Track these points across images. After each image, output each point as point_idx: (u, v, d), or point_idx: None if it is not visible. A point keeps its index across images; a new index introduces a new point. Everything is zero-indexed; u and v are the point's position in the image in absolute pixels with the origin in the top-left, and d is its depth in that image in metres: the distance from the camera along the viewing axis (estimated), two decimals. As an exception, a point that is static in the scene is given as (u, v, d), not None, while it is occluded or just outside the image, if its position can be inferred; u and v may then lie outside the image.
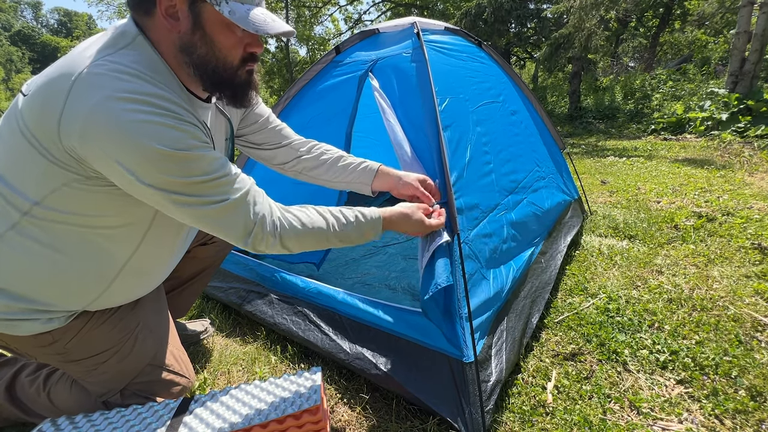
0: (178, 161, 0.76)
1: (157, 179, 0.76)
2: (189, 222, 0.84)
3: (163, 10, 0.77)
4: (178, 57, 0.82)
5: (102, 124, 0.71)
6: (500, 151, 1.71)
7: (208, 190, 0.81)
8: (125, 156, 0.73)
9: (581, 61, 9.45)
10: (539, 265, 1.68)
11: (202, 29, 0.80)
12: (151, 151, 0.73)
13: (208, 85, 0.86)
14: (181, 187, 0.78)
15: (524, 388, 1.27)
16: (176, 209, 0.81)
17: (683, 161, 4.65)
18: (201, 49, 0.81)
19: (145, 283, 1.05)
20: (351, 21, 20.17)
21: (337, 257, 2.34)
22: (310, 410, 0.94)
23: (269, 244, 0.90)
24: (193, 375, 1.18)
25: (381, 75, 1.53)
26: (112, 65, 0.74)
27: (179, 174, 0.77)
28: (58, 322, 0.91)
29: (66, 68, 0.74)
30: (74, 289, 0.90)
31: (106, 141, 0.72)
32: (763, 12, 5.93)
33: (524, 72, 16.44)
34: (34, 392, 1.10)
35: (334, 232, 0.98)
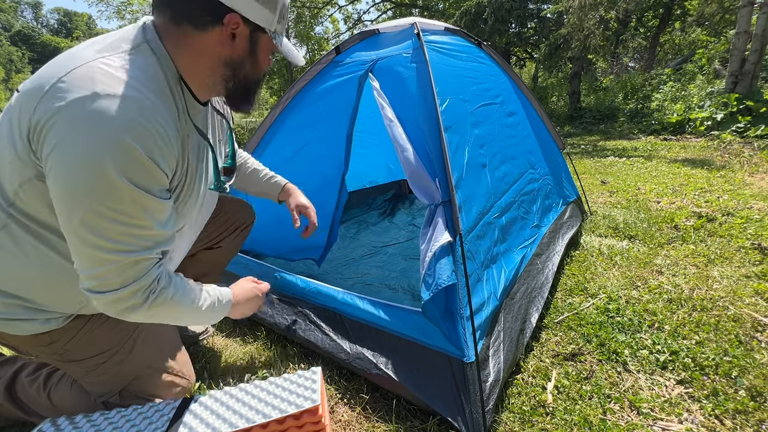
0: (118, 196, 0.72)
1: (81, 201, 0.70)
2: (71, 246, 0.76)
3: (228, 31, 0.82)
4: (218, 70, 0.87)
5: (73, 118, 0.68)
6: (495, 153, 1.71)
7: (123, 238, 0.75)
8: (71, 160, 0.69)
9: (581, 61, 9.46)
10: (535, 266, 1.68)
11: (255, 54, 0.89)
12: (103, 171, 0.69)
13: (237, 95, 0.92)
14: (99, 221, 0.72)
15: (524, 388, 1.27)
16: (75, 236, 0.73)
17: (683, 161, 4.65)
18: (248, 68, 0.89)
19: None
20: (351, 21, 20.18)
21: (337, 257, 2.34)
22: (310, 410, 0.94)
23: (114, 311, 0.82)
24: (193, 376, 1.19)
25: (381, 75, 1.53)
26: (110, 64, 0.73)
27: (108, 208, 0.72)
28: (56, 323, 0.90)
29: (60, 64, 0.73)
30: (64, 293, 0.89)
31: (67, 137, 0.68)
32: (763, 12, 5.93)
33: (524, 72, 16.44)
34: (34, 392, 1.10)
35: (195, 316, 0.95)
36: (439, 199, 1.26)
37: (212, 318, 0.99)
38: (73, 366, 1.01)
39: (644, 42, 13.85)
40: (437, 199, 1.26)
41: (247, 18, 0.82)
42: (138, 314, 0.82)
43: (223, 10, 0.79)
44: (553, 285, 1.90)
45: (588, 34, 7.92)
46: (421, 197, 1.30)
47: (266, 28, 0.87)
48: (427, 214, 1.27)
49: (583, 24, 7.88)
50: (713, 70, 8.68)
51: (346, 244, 2.56)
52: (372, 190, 3.33)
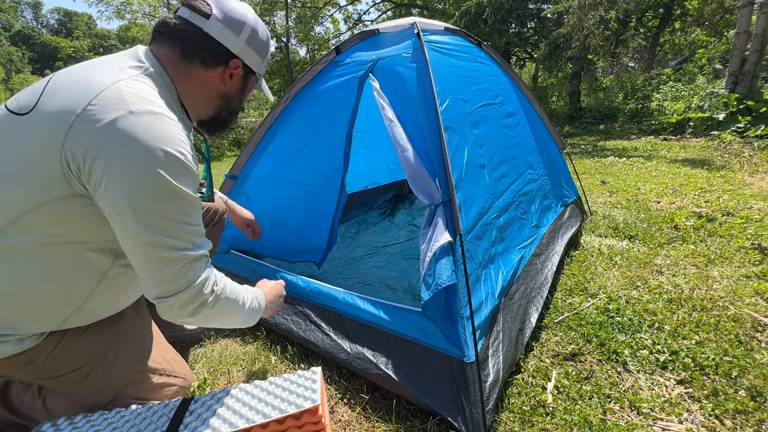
0: (176, 197, 0.81)
1: (145, 207, 0.78)
2: (137, 257, 0.82)
3: (230, 70, 0.99)
4: (213, 100, 1.02)
5: (117, 137, 0.74)
6: (494, 153, 1.71)
7: (183, 235, 0.83)
8: (128, 173, 0.76)
9: (581, 61, 9.46)
10: (533, 266, 1.68)
11: (244, 91, 1.07)
12: (159, 177, 0.77)
13: (222, 122, 1.08)
14: (163, 222, 0.80)
15: (524, 388, 1.27)
16: (140, 243, 0.79)
17: (683, 161, 4.65)
18: (236, 102, 1.07)
19: (119, 301, 1.02)
20: (351, 21, 20.18)
21: (337, 257, 2.35)
22: (310, 410, 0.94)
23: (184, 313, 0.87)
24: (189, 373, 1.18)
25: (381, 76, 1.53)
26: (148, 89, 0.83)
27: (169, 209, 0.80)
28: (30, 341, 0.88)
29: (80, 89, 0.78)
30: (43, 311, 0.87)
31: (116, 152, 0.75)
32: (763, 12, 5.93)
33: (524, 72, 16.45)
34: (29, 399, 1.08)
35: (242, 314, 1.01)
36: (439, 199, 1.26)
37: (252, 318, 1.05)
38: (57, 382, 0.98)
39: (644, 42, 13.85)
40: (437, 199, 1.26)
41: (245, 62, 1.01)
42: (204, 312, 0.88)
43: (230, 55, 0.97)
44: (553, 285, 1.90)
45: (588, 34, 7.92)
46: (421, 197, 1.30)
47: (256, 71, 1.06)
48: (427, 214, 1.28)
49: (583, 24, 7.88)
50: (713, 70, 8.68)
51: (346, 244, 2.56)
52: (373, 191, 3.33)
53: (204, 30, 0.92)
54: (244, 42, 0.97)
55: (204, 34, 0.92)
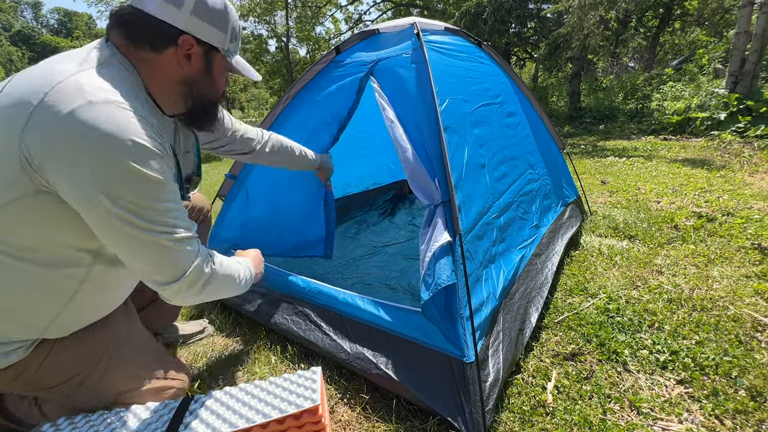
0: (146, 182, 0.77)
1: (120, 197, 0.75)
2: (124, 251, 0.81)
3: (182, 51, 0.88)
4: (176, 87, 0.92)
5: (77, 128, 0.70)
6: (494, 153, 1.71)
7: (163, 220, 0.81)
8: (91, 165, 0.72)
9: (581, 61, 9.45)
10: (534, 266, 1.68)
11: (210, 72, 0.94)
12: (128, 167, 0.74)
13: (195, 113, 0.98)
14: (143, 211, 0.77)
15: (524, 388, 1.27)
16: (119, 232, 0.77)
17: (683, 161, 4.65)
18: (203, 86, 0.95)
19: (105, 302, 1.00)
20: (351, 21, 20.18)
21: (337, 257, 2.34)
22: (310, 410, 0.94)
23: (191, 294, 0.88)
24: (186, 375, 1.17)
25: (381, 76, 1.53)
26: (104, 79, 0.77)
27: (145, 197, 0.77)
28: (17, 355, 0.86)
29: (36, 81, 0.74)
30: (24, 317, 0.85)
31: (77, 145, 0.71)
32: (763, 12, 5.93)
33: (524, 72, 16.44)
34: (26, 406, 1.07)
35: (239, 285, 1.03)
36: (439, 199, 1.26)
37: (247, 287, 1.07)
38: (50, 393, 0.96)
39: (644, 42, 13.85)
40: (437, 199, 1.26)
41: (200, 39, 0.89)
42: (208, 289, 0.91)
43: (177, 32, 0.86)
44: (553, 285, 1.90)
45: (588, 33, 7.92)
46: (420, 197, 1.30)
47: (219, 48, 0.93)
48: (427, 214, 1.27)
49: (583, 24, 7.87)
50: (713, 70, 8.68)
51: (346, 244, 2.56)
52: (373, 191, 3.33)
53: (144, 10, 0.83)
54: (189, 14, 0.86)
55: (144, 15, 0.83)
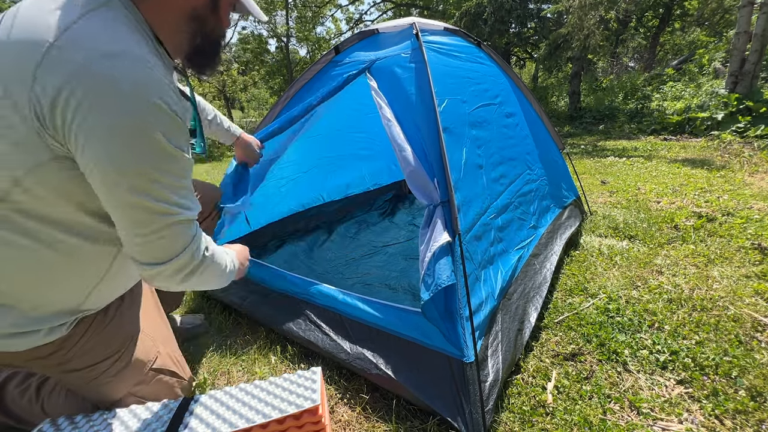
0: (169, 159, 0.72)
1: (134, 169, 0.69)
2: (124, 224, 0.75)
3: None
4: (183, 24, 0.82)
5: (92, 80, 0.63)
6: (492, 154, 1.71)
7: (174, 197, 0.76)
8: (113, 129, 0.65)
9: (581, 61, 9.45)
10: (532, 267, 1.68)
11: (217, 6, 0.85)
12: (150, 138, 0.68)
13: (203, 52, 0.88)
14: (153, 186, 0.72)
15: (524, 388, 1.27)
16: (126, 206, 0.72)
17: (683, 161, 4.65)
18: (212, 22, 0.86)
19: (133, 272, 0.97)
20: (352, 21, 20.17)
21: (337, 257, 2.35)
22: (310, 410, 0.94)
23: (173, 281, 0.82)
24: (190, 375, 1.18)
25: (380, 76, 1.53)
26: (118, 24, 0.69)
27: (162, 173, 0.72)
28: (60, 332, 0.85)
29: (38, 25, 0.65)
30: (60, 291, 0.84)
31: (94, 102, 0.63)
32: (763, 12, 5.92)
33: (524, 72, 16.44)
34: (26, 403, 1.06)
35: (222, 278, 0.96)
36: (438, 199, 1.26)
37: (229, 280, 0.98)
38: (73, 375, 0.95)
39: (644, 42, 13.85)
40: (436, 199, 1.26)
41: None
42: (192, 279, 0.83)
43: None
44: (553, 285, 1.90)
45: (588, 34, 7.92)
46: (419, 197, 1.30)
47: None
48: (426, 215, 1.27)
49: (583, 24, 7.87)
50: (713, 70, 8.68)
51: (346, 244, 2.56)
52: (374, 192, 3.34)
53: None
54: None
55: None
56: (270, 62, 19.94)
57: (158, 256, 0.77)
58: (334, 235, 2.69)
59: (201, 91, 18.38)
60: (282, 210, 2.62)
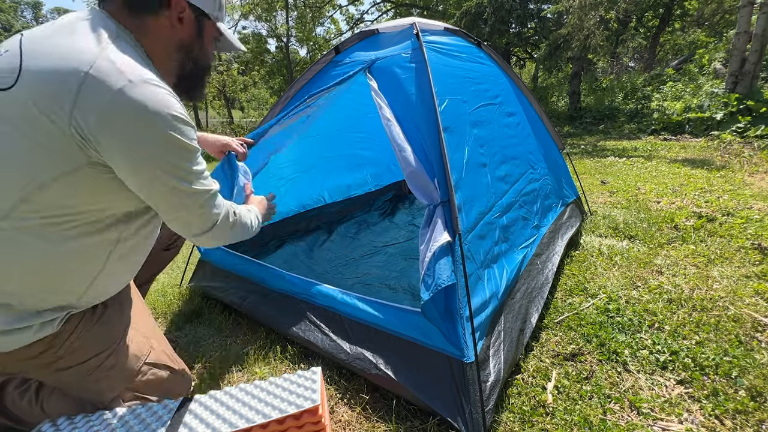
0: (186, 150, 0.87)
1: (168, 164, 0.85)
2: (167, 210, 0.92)
3: (176, 14, 0.93)
4: (173, 54, 0.97)
5: (128, 103, 0.77)
6: (495, 153, 1.71)
7: (198, 180, 0.92)
8: (142, 139, 0.81)
9: (581, 61, 9.45)
10: (535, 266, 1.68)
11: (201, 37, 1.00)
12: (173, 139, 0.84)
13: (190, 79, 1.02)
14: (184, 173, 0.89)
15: (524, 389, 1.27)
16: (165, 194, 0.88)
17: (683, 161, 4.65)
18: (197, 51, 1.01)
19: (128, 269, 1.06)
20: (352, 21, 20.17)
21: (337, 257, 2.35)
22: (310, 410, 0.94)
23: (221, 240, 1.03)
24: (185, 367, 1.19)
25: (380, 75, 1.53)
26: (127, 55, 0.81)
27: (187, 162, 0.88)
28: (51, 327, 0.89)
29: (67, 59, 0.77)
30: (63, 285, 0.90)
31: (131, 122, 0.78)
32: (763, 12, 5.93)
33: (524, 72, 16.44)
34: (26, 404, 1.07)
35: (252, 230, 1.17)
36: (438, 199, 1.26)
37: (257, 229, 1.19)
38: (66, 374, 0.97)
39: (644, 42, 13.85)
40: (436, 199, 1.26)
41: (190, 2, 0.94)
42: (231, 235, 1.05)
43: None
44: (553, 285, 1.90)
45: (588, 34, 7.92)
46: (419, 197, 1.30)
47: (209, 13, 0.99)
48: (426, 215, 1.27)
49: (583, 24, 7.88)
50: (713, 70, 8.68)
51: (346, 244, 2.57)
52: (374, 192, 3.34)
53: None
54: None
55: None
56: (270, 62, 19.94)
57: (205, 226, 0.97)
58: (334, 235, 2.69)
59: (201, 91, 18.33)
60: (282, 210, 2.63)
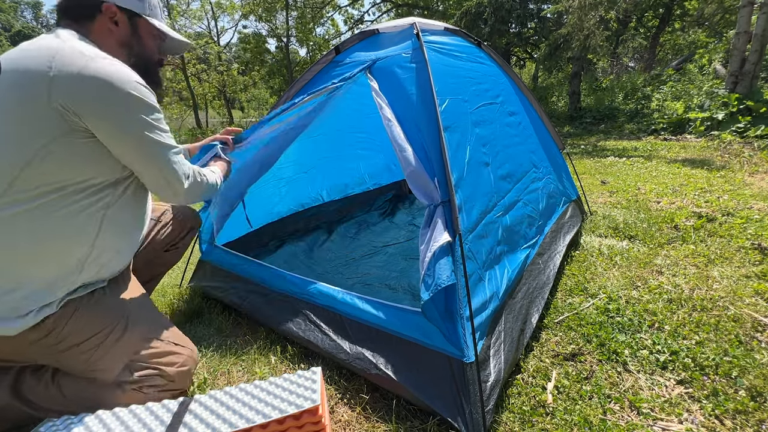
0: (152, 108, 1.04)
1: (131, 117, 1.00)
2: (142, 164, 1.06)
3: (108, 18, 1.10)
4: (118, 50, 1.12)
5: (92, 77, 0.93)
6: (497, 152, 1.71)
7: (163, 134, 1.07)
8: (112, 101, 0.95)
9: (581, 61, 9.45)
10: (536, 266, 1.68)
11: (137, 34, 1.17)
12: (139, 99, 1.00)
13: (139, 71, 1.11)
14: (150, 126, 1.03)
15: (524, 389, 1.27)
16: (138, 148, 1.03)
17: (683, 161, 4.65)
18: (136, 47, 1.17)
19: (121, 246, 1.17)
20: (351, 21, 20.17)
21: (337, 257, 2.35)
22: (310, 410, 0.94)
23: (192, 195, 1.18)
24: (194, 348, 1.26)
25: (380, 76, 1.53)
26: (82, 43, 0.99)
27: (151, 116, 1.04)
28: (50, 309, 1.00)
29: (37, 55, 0.93)
30: (61, 255, 1.01)
31: (97, 90, 0.93)
32: (763, 12, 5.93)
33: (524, 72, 16.44)
34: (42, 388, 1.12)
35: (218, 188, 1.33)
36: (438, 199, 1.26)
37: (221, 183, 1.35)
38: (71, 353, 1.06)
39: (644, 42, 13.85)
40: (436, 199, 1.26)
41: (120, 6, 1.11)
42: (201, 189, 1.21)
43: (100, 2, 1.09)
44: (554, 285, 1.91)
45: (588, 34, 7.92)
46: (420, 197, 1.30)
47: (140, 13, 1.15)
48: (427, 215, 1.27)
49: (583, 24, 7.88)
50: (713, 70, 8.68)
51: (346, 244, 2.56)
52: (374, 192, 3.34)
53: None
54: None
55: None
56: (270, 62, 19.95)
57: (179, 180, 1.11)
58: (334, 235, 2.69)
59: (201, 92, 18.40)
60: (282, 210, 2.63)
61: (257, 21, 17.94)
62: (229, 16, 19.47)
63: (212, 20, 18.91)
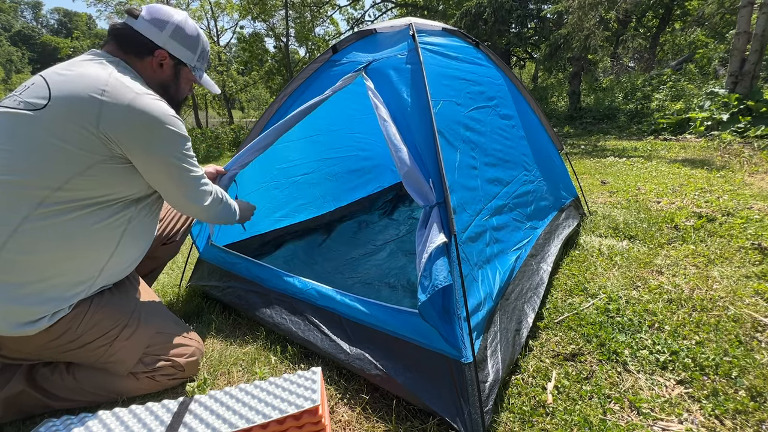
0: (183, 139, 1.17)
1: (166, 148, 1.13)
2: (171, 188, 1.19)
3: (157, 60, 1.23)
4: (156, 87, 1.22)
5: (139, 112, 1.05)
6: (487, 156, 1.70)
7: (190, 161, 1.21)
8: (153, 134, 1.09)
9: (581, 61, 9.46)
10: (529, 267, 1.67)
11: (178, 80, 1.32)
12: (174, 132, 1.14)
13: (169, 105, 1.22)
14: (183, 156, 1.17)
15: (524, 389, 1.27)
16: (170, 175, 1.16)
17: (683, 161, 4.65)
18: (173, 89, 1.31)
19: (136, 252, 1.27)
20: (352, 21, 20.17)
21: (337, 257, 2.35)
22: (310, 410, 0.94)
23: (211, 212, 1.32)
24: (200, 339, 1.38)
25: (376, 76, 1.53)
26: (127, 76, 1.11)
27: (186, 148, 1.19)
28: (63, 312, 1.06)
29: (84, 83, 1.03)
30: (87, 262, 1.10)
31: (143, 125, 1.06)
32: (763, 12, 5.93)
33: (524, 72, 16.45)
34: (57, 378, 1.18)
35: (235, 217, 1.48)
36: (434, 200, 1.25)
37: (236, 215, 1.48)
38: (87, 350, 1.14)
39: (644, 42, 13.84)
40: (431, 200, 1.26)
41: (172, 54, 1.24)
42: (219, 211, 1.36)
43: (155, 46, 1.21)
44: (552, 285, 1.90)
45: (588, 34, 7.92)
46: (415, 198, 1.30)
47: (187, 63, 1.29)
48: (422, 216, 1.27)
49: (583, 24, 7.88)
50: (713, 70, 8.68)
51: (346, 243, 2.57)
52: (375, 193, 3.34)
53: (134, 28, 1.19)
54: (167, 36, 1.22)
55: (134, 31, 1.19)
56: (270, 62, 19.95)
57: (200, 199, 1.26)
58: (333, 235, 2.69)
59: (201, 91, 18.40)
60: (282, 213, 2.62)
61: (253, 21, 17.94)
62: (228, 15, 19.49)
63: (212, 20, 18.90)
